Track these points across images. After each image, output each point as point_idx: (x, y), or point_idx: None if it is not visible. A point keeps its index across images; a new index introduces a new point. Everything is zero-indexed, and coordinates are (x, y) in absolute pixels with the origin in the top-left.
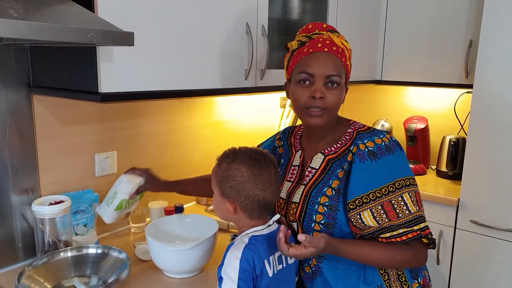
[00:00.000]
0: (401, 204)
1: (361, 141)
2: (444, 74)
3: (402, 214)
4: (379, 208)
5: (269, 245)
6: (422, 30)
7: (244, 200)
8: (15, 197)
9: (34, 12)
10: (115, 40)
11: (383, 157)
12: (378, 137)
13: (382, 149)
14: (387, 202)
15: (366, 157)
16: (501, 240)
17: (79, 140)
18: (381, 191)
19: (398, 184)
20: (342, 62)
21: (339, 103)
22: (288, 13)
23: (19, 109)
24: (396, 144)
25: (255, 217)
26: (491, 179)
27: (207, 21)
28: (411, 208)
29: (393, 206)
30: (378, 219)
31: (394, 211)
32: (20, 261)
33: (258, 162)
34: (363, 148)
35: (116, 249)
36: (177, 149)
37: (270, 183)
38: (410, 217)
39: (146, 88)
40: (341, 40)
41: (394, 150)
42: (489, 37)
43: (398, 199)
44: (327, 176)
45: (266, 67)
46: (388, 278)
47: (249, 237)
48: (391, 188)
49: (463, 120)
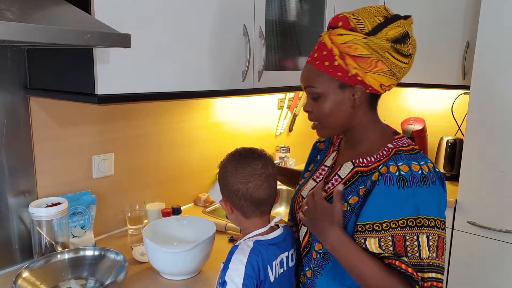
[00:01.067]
0: (415, 244)
1: (394, 163)
2: (441, 75)
3: (411, 254)
4: (389, 239)
5: (274, 250)
6: (419, 31)
7: (232, 196)
8: (12, 199)
9: (30, 14)
10: (112, 42)
11: (413, 187)
12: (418, 163)
13: (417, 178)
14: (400, 236)
15: (393, 182)
16: (499, 241)
17: (76, 142)
18: (398, 223)
19: (419, 222)
20: (323, 68)
21: (331, 113)
22: (285, 15)
23: (16, 111)
24: (437, 177)
25: (250, 216)
26: (488, 180)
27: (204, 22)
28: (423, 252)
29: (405, 242)
30: (383, 247)
31: (403, 248)
32: (17, 263)
33: (242, 156)
34: (394, 171)
35: (113, 251)
36: (175, 150)
37: (253, 177)
38: (418, 261)
39: (143, 90)
40: (332, 36)
41: (431, 183)
42: (486, 38)
43: (413, 237)
44: (348, 189)
45: (263, 69)
46: None
47: (253, 241)
48: (410, 223)
49: (460, 121)
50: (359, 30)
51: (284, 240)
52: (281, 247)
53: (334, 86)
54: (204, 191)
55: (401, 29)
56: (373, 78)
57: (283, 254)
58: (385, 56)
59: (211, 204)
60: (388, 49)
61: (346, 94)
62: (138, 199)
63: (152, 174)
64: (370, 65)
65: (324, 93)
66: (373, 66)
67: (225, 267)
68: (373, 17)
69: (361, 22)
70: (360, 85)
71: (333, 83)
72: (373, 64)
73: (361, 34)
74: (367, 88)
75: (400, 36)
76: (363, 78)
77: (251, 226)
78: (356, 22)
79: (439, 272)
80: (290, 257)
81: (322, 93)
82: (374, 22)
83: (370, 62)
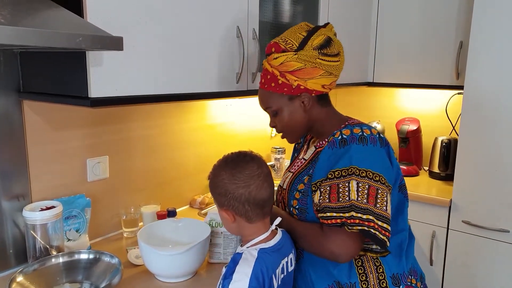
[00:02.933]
0: (346, 189)
1: (339, 131)
2: (435, 76)
3: (342, 198)
4: (327, 189)
5: (277, 257)
6: (413, 32)
7: (233, 203)
8: (6, 203)
9: (22, 18)
10: (104, 45)
11: (351, 144)
12: (360, 127)
13: (355, 138)
14: (335, 184)
15: (336, 145)
16: (493, 240)
17: (70, 145)
18: (334, 173)
19: (351, 171)
20: (271, 88)
21: (290, 122)
22: (279, 16)
23: (9, 115)
24: (378, 139)
25: (254, 220)
26: (483, 180)
27: (198, 25)
28: (352, 195)
29: (338, 189)
30: (321, 199)
31: (336, 194)
32: (12, 268)
33: (234, 161)
34: (337, 136)
35: (108, 254)
36: (170, 153)
37: (252, 179)
38: (346, 203)
39: (137, 93)
40: (270, 61)
41: (370, 143)
42: (479, 38)
43: (345, 184)
44: (310, 166)
45: (257, 70)
46: (366, 279)
47: (257, 250)
48: (344, 173)
49: (454, 121)
50: (289, 49)
51: (284, 245)
52: (282, 252)
53: (285, 100)
54: (200, 193)
55: (322, 36)
56: (313, 83)
57: (284, 259)
58: (317, 62)
59: (207, 206)
60: (317, 56)
61: (297, 103)
62: (133, 202)
63: (147, 177)
64: (307, 74)
65: (279, 108)
66: (310, 74)
67: (228, 276)
68: (297, 34)
69: (289, 43)
70: (305, 92)
71: (283, 98)
72: (309, 72)
73: (291, 52)
74: (311, 93)
75: (324, 42)
76: (305, 86)
77: (255, 231)
78: (285, 44)
79: (360, 212)
80: (289, 261)
81: (278, 108)
82: (299, 38)
83: (306, 71)
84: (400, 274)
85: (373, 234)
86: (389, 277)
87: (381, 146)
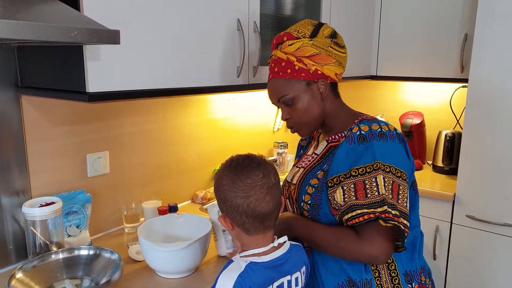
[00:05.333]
0: (373, 185)
1: (357, 126)
2: (439, 69)
3: (371, 194)
4: (352, 187)
5: (270, 274)
6: (417, 24)
7: (232, 212)
8: (5, 199)
9: (16, 11)
10: (100, 38)
11: (372, 141)
12: (378, 124)
13: (375, 134)
14: (361, 181)
15: (354, 140)
16: (497, 235)
17: (70, 141)
18: (358, 171)
19: (376, 166)
20: (288, 75)
21: (306, 111)
22: (280, 9)
23: (7, 110)
24: (396, 135)
25: (253, 233)
26: (487, 174)
27: (197, 17)
28: (381, 190)
29: (365, 186)
30: (346, 197)
31: (364, 191)
32: (12, 264)
33: (239, 166)
34: (356, 131)
35: (108, 250)
36: (171, 147)
37: (254, 190)
38: (377, 198)
39: (135, 87)
40: (283, 49)
41: (390, 139)
42: (484, 31)
43: (371, 179)
44: (323, 160)
45: (258, 64)
46: (378, 276)
47: (246, 263)
48: (368, 169)
49: (458, 114)
50: (302, 37)
51: (286, 262)
52: (281, 270)
53: (302, 86)
54: (201, 189)
55: (330, 28)
56: (328, 69)
57: (284, 277)
58: (329, 50)
59: (208, 202)
60: (330, 44)
61: (314, 89)
62: (134, 197)
63: (148, 172)
64: (322, 59)
65: (296, 95)
66: (325, 60)
67: (213, 285)
68: (306, 26)
69: (301, 32)
70: (322, 78)
71: (300, 84)
72: (324, 58)
73: (306, 38)
74: (327, 79)
75: (332, 33)
76: (322, 71)
77: (252, 243)
78: (297, 33)
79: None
80: (294, 281)
81: (295, 96)
82: (309, 29)
83: (322, 57)
84: (412, 271)
85: (402, 230)
86: (402, 274)
87: (399, 142)
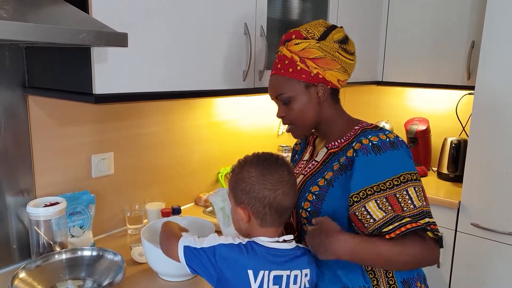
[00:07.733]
0: (406, 198)
1: (365, 137)
2: (446, 75)
3: (407, 208)
4: (384, 201)
5: (267, 259)
6: (423, 31)
7: (255, 203)
8: (10, 198)
9: (25, 13)
10: (108, 41)
11: (388, 151)
12: (384, 133)
13: (387, 144)
14: (392, 195)
15: (370, 151)
16: (503, 244)
17: (75, 141)
18: (385, 185)
19: (403, 178)
20: (289, 74)
21: (301, 113)
22: (287, 13)
23: (14, 110)
24: (402, 142)
25: (268, 225)
26: (492, 182)
27: (204, 21)
28: (416, 202)
29: (398, 200)
30: (384, 209)
31: (399, 204)
32: (15, 263)
33: (267, 162)
34: (367, 143)
35: (111, 251)
36: (175, 149)
37: (281, 184)
38: (415, 211)
39: (141, 90)
40: (289, 47)
41: (400, 146)
42: (491, 38)
43: (403, 193)
44: (324, 168)
45: (264, 68)
46: (376, 284)
47: (246, 240)
48: (396, 182)
49: (464, 121)
50: (311, 38)
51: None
52: (282, 262)
53: (301, 88)
54: (205, 191)
55: (342, 33)
56: (331, 74)
57: (284, 271)
58: (336, 55)
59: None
60: (337, 49)
61: (312, 93)
62: (138, 199)
63: (152, 174)
64: (326, 64)
65: (294, 95)
66: (329, 65)
67: None
68: (318, 27)
69: (310, 32)
70: (322, 82)
71: (300, 85)
72: (328, 63)
73: (313, 40)
74: (328, 84)
75: (343, 38)
76: (324, 76)
77: (261, 234)
78: (306, 32)
79: (431, 217)
80: (293, 278)
81: (292, 96)
82: (320, 30)
83: (326, 61)
84: (410, 279)
85: (440, 236)
86: (400, 282)
87: (406, 147)
